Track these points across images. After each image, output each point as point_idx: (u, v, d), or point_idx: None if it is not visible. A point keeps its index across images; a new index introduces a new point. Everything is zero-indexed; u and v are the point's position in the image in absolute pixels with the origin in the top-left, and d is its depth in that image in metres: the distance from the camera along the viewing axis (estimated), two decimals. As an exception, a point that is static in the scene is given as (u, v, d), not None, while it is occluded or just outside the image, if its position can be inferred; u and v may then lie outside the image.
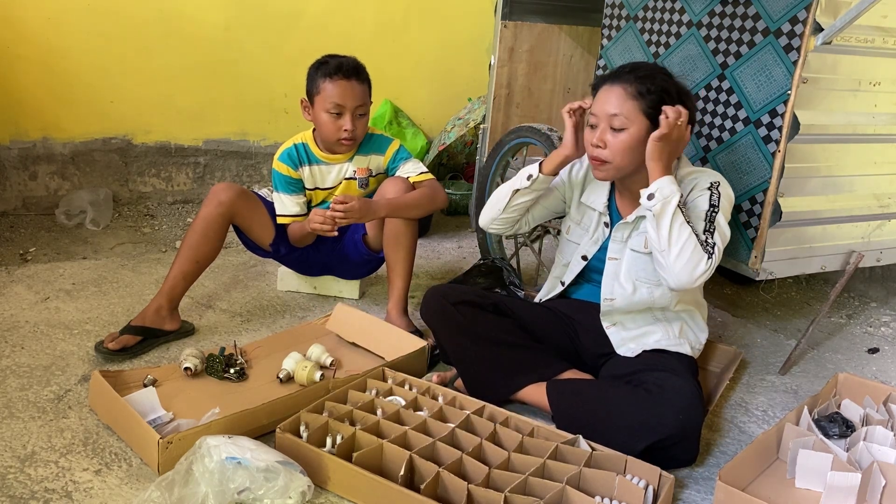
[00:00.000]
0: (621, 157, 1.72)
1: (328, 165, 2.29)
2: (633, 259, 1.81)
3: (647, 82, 1.70)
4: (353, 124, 2.15)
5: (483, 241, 2.79)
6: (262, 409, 1.65)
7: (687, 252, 1.62)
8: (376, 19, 3.55)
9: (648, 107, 1.69)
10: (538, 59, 3.07)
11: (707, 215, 1.70)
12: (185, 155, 3.43)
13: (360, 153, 2.30)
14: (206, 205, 2.13)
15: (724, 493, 1.47)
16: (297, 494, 1.40)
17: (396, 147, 2.31)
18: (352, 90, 2.13)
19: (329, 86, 2.12)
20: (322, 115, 2.16)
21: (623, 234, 1.83)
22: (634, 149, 1.71)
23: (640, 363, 1.77)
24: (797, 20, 1.80)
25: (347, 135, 2.16)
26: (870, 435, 1.67)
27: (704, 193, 1.73)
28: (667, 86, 1.72)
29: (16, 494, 1.45)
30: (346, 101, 2.13)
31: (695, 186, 1.74)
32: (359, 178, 2.29)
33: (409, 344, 2.00)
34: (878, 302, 2.80)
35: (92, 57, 3.11)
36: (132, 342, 2.01)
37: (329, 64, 2.14)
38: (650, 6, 2.21)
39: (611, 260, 1.85)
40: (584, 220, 1.93)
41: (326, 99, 2.13)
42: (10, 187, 3.14)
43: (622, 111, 1.70)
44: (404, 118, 3.69)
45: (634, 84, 1.70)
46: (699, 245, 1.64)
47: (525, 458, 1.52)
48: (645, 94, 1.69)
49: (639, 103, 1.70)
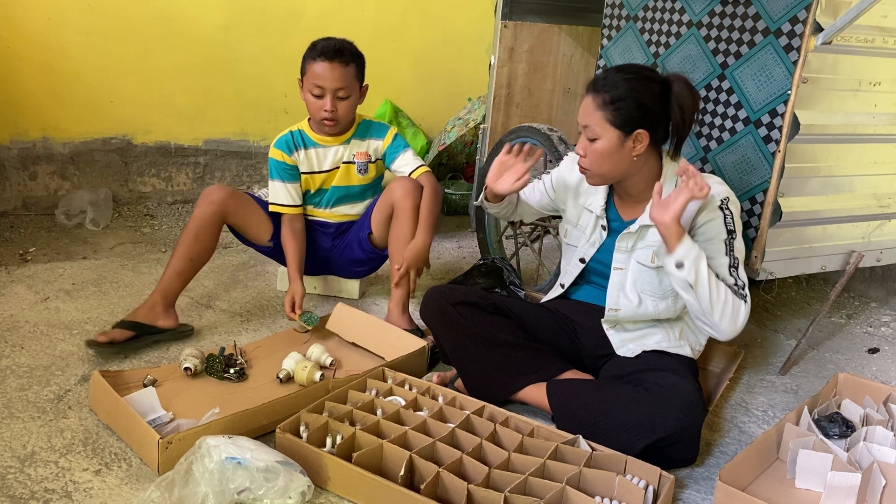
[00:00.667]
0: (598, 165, 1.73)
1: (324, 148, 2.31)
2: (638, 271, 1.79)
3: (612, 90, 1.66)
4: (333, 105, 2.18)
5: (483, 241, 2.79)
6: (262, 409, 1.65)
7: (728, 309, 1.63)
8: (376, 19, 3.55)
9: (615, 118, 1.66)
10: (538, 59, 3.07)
11: (727, 245, 1.68)
12: (185, 155, 3.43)
13: (358, 137, 2.32)
14: (198, 205, 2.17)
15: (724, 493, 1.47)
16: (297, 494, 1.40)
17: (394, 133, 2.35)
18: (331, 72, 2.15)
19: (312, 67, 2.17)
20: (307, 94, 2.21)
21: (627, 244, 1.80)
22: (610, 157, 1.70)
23: (641, 363, 1.77)
24: (797, 20, 1.80)
25: (327, 115, 2.19)
26: (870, 435, 1.67)
27: (717, 216, 1.68)
28: (635, 94, 1.65)
29: (16, 494, 1.45)
30: (324, 83, 2.16)
31: (705, 205, 1.68)
32: (357, 162, 2.33)
33: (408, 344, 2.00)
34: (878, 302, 2.80)
35: (92, 57, 3.11)
36: (122, 337, 2.00)
37: (317, 46, 2.18)
38: (650, 6, 2.21)
39: (616, 270, 1.83)
40: (581, 221, 1.92)
41: (309, 80, 2.18)
42: (10, 187, 3.14)
43: (590, 122, 1.69)
44: (404, 118, 3.69)
45: (601, 94, 1.67)
46: (735, 296, 1.64)
47: (525, 458, 1.52)
48: (609, 105, 1.66)
49: (604, 114, 1.67)
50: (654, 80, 1.69)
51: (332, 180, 2.34)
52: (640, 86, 1.67)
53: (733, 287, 1.66)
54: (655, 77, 1.70)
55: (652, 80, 1.69)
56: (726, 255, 1.68)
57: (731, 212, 1.69)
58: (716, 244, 1.68)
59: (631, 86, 1.67)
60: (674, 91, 1.67)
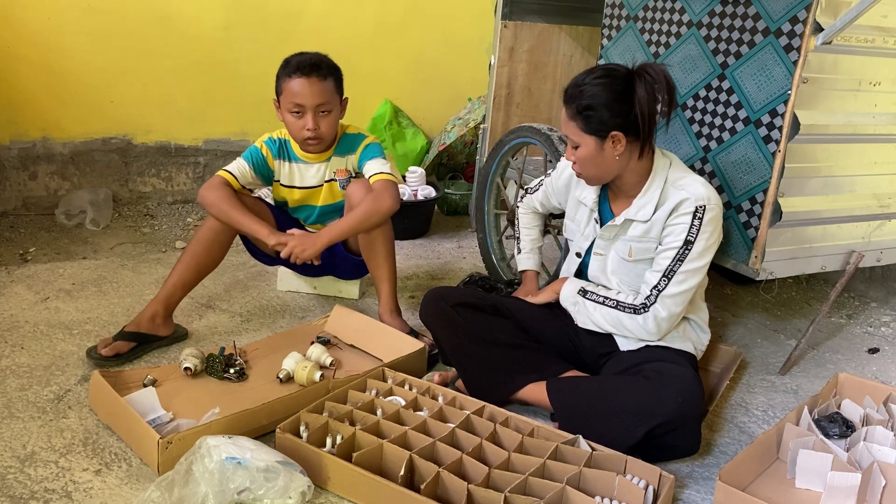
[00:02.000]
0: (586, 170, 1.77)
1: (307, 164, 2.23)
2: (616, 262, 1.84)
3: (579, 99, 1.69)
4: (315, 122, 2.07)
5: (483, 241, 2.79)
6: (262, 409, 1.65)
7: (626, 327, 1.79)
8: (376, 19, 3.55)
9: (586, 125, 1.70)
10: (538, 59, 3.07)
11: (677, 253, 1.72)
12: (185, 155, 3.43)
13: (338, 154, 2.24)
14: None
15: (724, 493, 1.47)
16: (297, 494, 1.40)
17: (366, 143, 2.21)
18: (310, 88, 2.04)
19: (289, 85, 2.05)
20: (286, 115, 2.10)
21: (610, 233, 1.84)
22: (594, 162, 1.74)
23: (641, 357, 1.78)
24: (797, 20, 1.80)
25: (310, 134, 2.08)
26: (870, 435, 1.67)
27: (683, 222, 1.72)
28: (601, 99, 1.67)
29: (16, 494, 1.45)
30: (304, 100, 2.05)
31: (680, 203, 1.73)
32: (339, 179, 2.25)
33: (407, 346, 2.00)
34: (878, 302, 2.80)
35: (92, 57, 3.11)
36: (125, 348, 1.99)
37: (290, 63, 2.08)
38: (650, 6, 2.21)
39: (596, 255, 1.88)
40: (578, 215, 1.95)
41: (287, 98, 2.07)
42: (10, 187, 3.14)
43: (567, 131, 1.75)
44: (404, 118, 3.69)
45: (572, 104, 1.71)
46: (629, 314, 1.77)
47: (525, 458, 1.52)
48: (579, 114, 1.70)
49: (577, 123, 1.71)
50: (617, 79, 1.69)
51: (317, 199, 2.27)
52: (604, 90, 1.68)
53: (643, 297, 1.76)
54: (619, 74, 1.69)
55: (615, 79, 1.69)
56: (668, 262, 1.73)
57: (700, 221, 1.71)
58: (667, 250, 1.74)
59: (595, 91, 1.68)
60: (636, 84, 1.67)
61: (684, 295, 1.74)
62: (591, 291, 1.84)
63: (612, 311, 1.80)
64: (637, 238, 1.79)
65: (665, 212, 1.74)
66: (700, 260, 1.73)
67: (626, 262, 1.82)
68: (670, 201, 1.74)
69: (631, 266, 1.82)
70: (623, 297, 1.80)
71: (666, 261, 1.73)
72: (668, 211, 1.73)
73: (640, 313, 1.76)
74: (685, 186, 1.74)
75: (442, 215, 3.57)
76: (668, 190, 1.75)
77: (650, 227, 1.77)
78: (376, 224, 2.10)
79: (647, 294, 1.76)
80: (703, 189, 1.73)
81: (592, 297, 1.83)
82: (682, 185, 1.74)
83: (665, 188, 1.76)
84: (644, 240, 1.78)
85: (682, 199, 1.72)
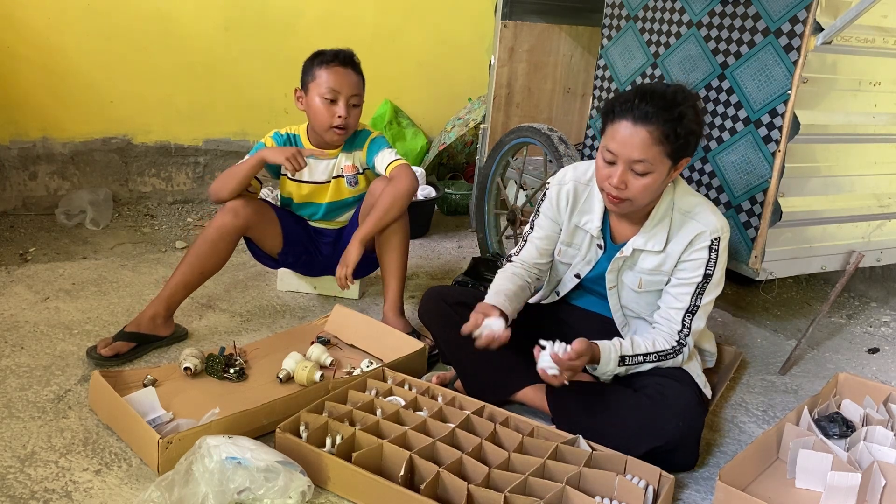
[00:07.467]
0: (642, 196, 1.62)
1: (316, 160, 2.25)
2: (627, 294, 1.80)
3: (676, 126, 1.55)
4: (347, 111, 2.13)
5: (483, 241, 2.79)
6: (262, 409, 1.65)
7: (665, 364, 1.72)
8: (376, 20, 3.55)
9: (673, 150, 1.58)
10: (538, 59, 3.07)
11: (697, 289, 1.69)
12: (185, 155, 3.43)
13: (346, 150, 2.27)
14: (221, 216, 2.09)
15: (724, 493, 1.47)
16: (297, 494, 1.40)
17: (371, 139, 2.26)
18: (347, 77, 2.13)
19: (325, 72, 2.12)
20: (316, 100, 2.13)
21: (618, 265, 1.77)
22: (656, 189, 1.63)
23: None
24: (797, 20, 1.80)
25: (341, 122, 2.13)
26: (870, 435, 1.67)
27: (701, 258, 1.67)
28: (693, 126, 1.58)
29: (16, 494, 1.45)
30: (341, 88, 2.12)
31: (696, 237, 1.67)
32: (347, 175, 2.27)
33: (407, 346, 2.00)
34: (878, 302, 2.80)
35: (92, 57, 3.11)
36: (125, 349, 1.99)
37: (326, 53, 2.16)
38: (650, 6, 2.21)
39: (611, 290, 1.82)
40: (576, 240, 1.85)
41: (322, 84, 2.12)
42: (10, 187, 3.14)
43: (647, 157, 1.56)
44: (404, 118, 3.69)
45: (661, 128, 1.54)
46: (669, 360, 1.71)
47: (525, 458, 1.52)
48: (672, 138, 1.56)
49: (664, 148, 1.56)
50: (694, 103, 1.61)
51: (324, 196, 2.29)
52: (696, 114, 1.60)
53: (675, 338, 1.70)
54: (693, 98, 1.61)
55: (695, 103, 1.61)
56: (691, 298, 1.70)
57: (717, 254, 1.68)
58: (686, 285, 1.70)
59: (692, 115, 1.58)
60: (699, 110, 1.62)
61: (704, 319, 1.74)
62: (628, 357, 1.68)
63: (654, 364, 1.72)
64: (648, 271, 1.72)
65: (679, 245, 1.68)
66: (718, 288, 1.71)
67: (634, 292, 1.78)
68: (684, 234, 1.68)
69: (638, 296, 1.78)
70: (658, 345, 1.70)
71: (687, 297, 1.69)
72: (684, 245, 1.67)
73: (679, 354, 1.71)
74: (697, 217, 1.67)
75: (442, 215, 3.57)
76: (679, 218, 1.69)
77: (663, 261, 1.70)
78: (401, 209, 2.15)
79: (676, 332, 1.70)
80: (714, 219, 1.67)
81: (633, 362, 1.69)
82: (695, 216, 1.68)
83: (674, 216, 1.70)
84: (656, 273, 1.72)
85: (698, 232, 1.66)
